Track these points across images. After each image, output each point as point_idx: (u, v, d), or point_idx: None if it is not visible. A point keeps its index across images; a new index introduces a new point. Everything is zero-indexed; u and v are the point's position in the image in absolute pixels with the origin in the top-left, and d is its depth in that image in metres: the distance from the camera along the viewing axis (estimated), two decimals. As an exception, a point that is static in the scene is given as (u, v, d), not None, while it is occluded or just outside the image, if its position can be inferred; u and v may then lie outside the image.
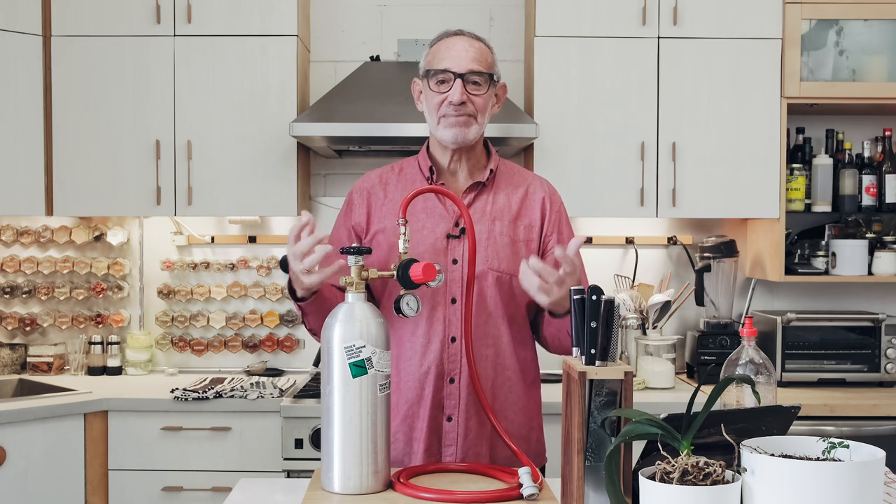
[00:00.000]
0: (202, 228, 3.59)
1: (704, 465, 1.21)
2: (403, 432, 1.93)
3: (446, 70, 1.89)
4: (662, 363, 3.18)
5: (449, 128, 1.91)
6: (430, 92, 1.92)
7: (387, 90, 3.21)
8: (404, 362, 1.92)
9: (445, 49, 1.92)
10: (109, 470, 2.98)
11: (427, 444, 1.91)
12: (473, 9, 3.60)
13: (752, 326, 1.58)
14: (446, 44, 1.93)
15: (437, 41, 1.96)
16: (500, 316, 1.93)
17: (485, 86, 1.91)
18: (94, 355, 3.46)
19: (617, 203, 3.23)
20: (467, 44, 1.92)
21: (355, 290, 1.62)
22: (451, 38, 1.94)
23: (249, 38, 3.24)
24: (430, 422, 1.90)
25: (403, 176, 2.02)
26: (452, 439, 1.90)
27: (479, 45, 1.93)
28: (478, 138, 1.97)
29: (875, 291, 3.62)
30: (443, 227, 1.93)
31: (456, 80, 1.88)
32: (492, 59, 1.95)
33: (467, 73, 1.88)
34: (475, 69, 1.89)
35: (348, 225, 2.01)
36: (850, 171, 3.29)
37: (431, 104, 1.93)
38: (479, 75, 1.90)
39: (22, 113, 3.21)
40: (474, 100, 1.90)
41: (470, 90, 1.89)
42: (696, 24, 3.22)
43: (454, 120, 1.90)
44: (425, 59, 1.97)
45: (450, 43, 1.93)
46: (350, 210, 2.03)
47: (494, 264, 1.92)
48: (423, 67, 1.97)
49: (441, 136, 1.93)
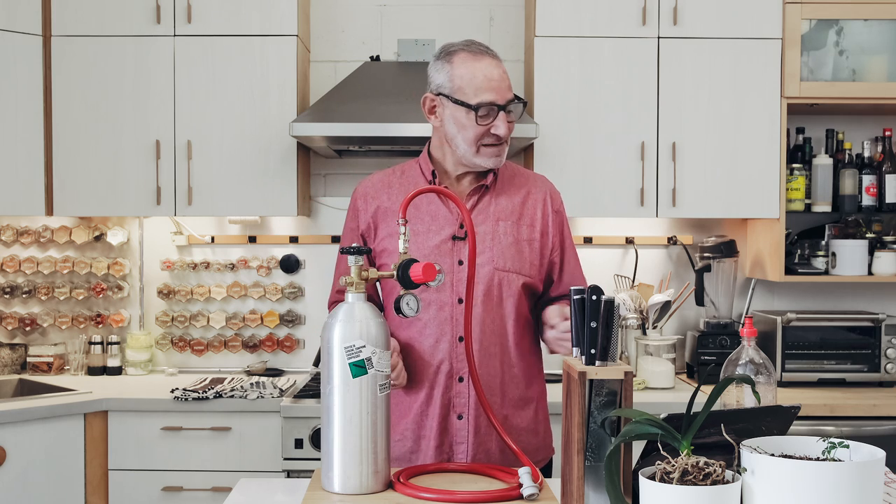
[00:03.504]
0: (202, 228, 3.59)
1: (704, 465, 1.21)
2: (413, 430, 1.96)
3: (493, 103, 1.89)
4: (662, 363, 3.18)
5: (490, 157, 1.93)
6: (467, 120, 1.90)
7: (387, 90, 3.20)
8: (414, 362, 1.95)
9: (481, 75, 1.89)
10: (109, 470, 2.98)
11: (438, 442, 1.94)
12: (473, 9, 3.60)
13: (752, 326, 1.58)
14: (477, 67, 1.90)
15: (457, 57, 1.92)
16: (507, 314, 1.95)
17: (519, 114, 1.94)
18: (94, 355, 3.46)
19: (617, 203, 3.23)
20: (499, 69, 1.92)
21: (355, 290, 1.62)
22: (478, 60, 1.91)
23: (249, 38, 3.24)
24: (440, 420, 1.94)
25: (406, 179, 2.04)
26: (463, 437, 1.93)
27: (503, 68, 1.94)
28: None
29: (875, 291, 3.62)
30: (448, 229, 1.96)
31: (500, 113, 1.90)
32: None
33: (507, 105, 1.91)
34: (512, 97, 1.92)
35: (355, 229, 2.04)
36: (850, 171, 3.29)
37: (470, 133, 1.91)
38: (517, 104, 1.93)
39: (22, 113, 3.21)
40: (511, 126, 1.93)
41: (508, 118, 1.92)
42: (696, 24, 3.22)
43: (496, 150, 1.93)
44: (449, 78, 1.91)
45: (481, 67, 1.90)
46: (356, 215, 2.05)
47: (500, 264, 1.95)
48: (448, 88, 1.91)
49: (479, 163, 1.95)
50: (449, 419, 1.94)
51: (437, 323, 1.93)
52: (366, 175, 3.53)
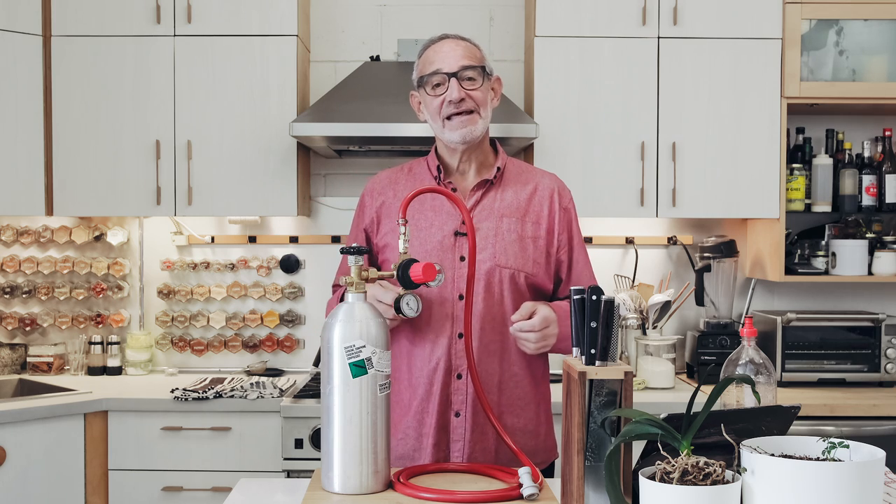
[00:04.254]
0: (202, 228, 3.59)
1: (704, 465, 1.21)
2: (414, 428, 1.96)
3: (438, 71, 1.92)
4: (662, 363, 3.18)
5: (455, 129, 1.93)
6: (428, 97, 1.96)
7: (387, 90, 3.20)
8: (414, 358, 1.96)
9: (433, 53, 1.96)
10: (109, 470, 2.98)
11: (436, 440, 1.93)
12: (473, 9, 3.60)
13: (752, 326, 1.58)
14: (433, 49, 1.98)
15: (423, 50, 2.00)
16: (508, 311, 1.94)
17: (479, 79, 1.95)
18: (94, 355, 3.46)
19: (617, 203, 3.23)
20: (453, 44, 1.96)
21: (355, 290, 1.62)
22: (436, 44, 1.98)
23: (249, 38, 3.24)
24: (438, 417, 1.93)
25: (413, 176, 2.05)
26: (460, 435, 1.93)
27: (464, 43, 1.97)
28: (485, 133, 2.00)
29: (875, 291, 3.62)
30: (451, 225, 1.96)
31: (451, 80, 1.92)
32: (480, 54, 1.99)
33: (459, 71, 1.92)
34: (466, 64, 1.93)
35: (361, 227, 2.06)
36: (850, 171, 3.29)
37: (432, 109, 1.96)
38: (472, 69, 1.94)
39: (22, 113, 3.21)
40: (472, 94, 1.94)
41: (466, 86, 1.93)
42: (696, 24, 3.22)
43: (458, 120, 1.93)
44: (417, 69, 2.01)
45: (436, 48, 1.97)
46: (362, 212, 2.07)
47: (502, 261, 1.94)
48: (415, 78, 2.01)
49: (449, 138, 1.95)
50: (447, 416, 1.93)
51: (437, 319, 1.92)
52: (366, 175, 3.55)
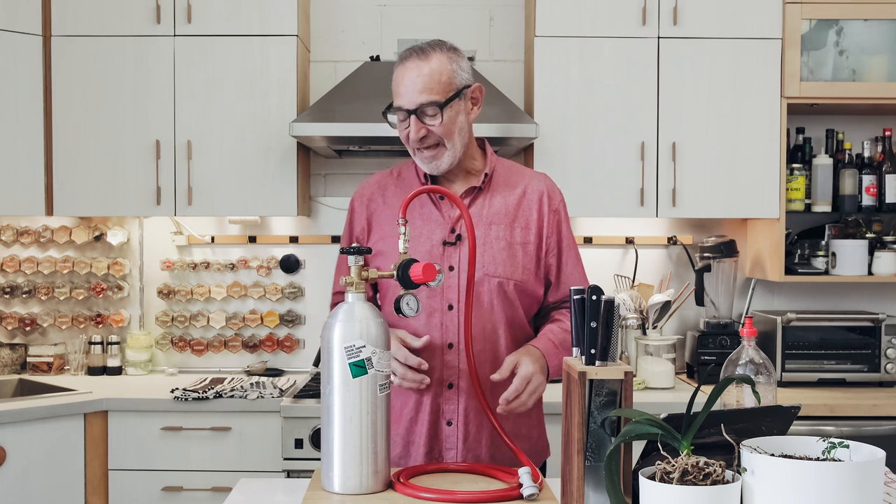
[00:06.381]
0: (202, 228, 3.59)
1: (704, 465, 1.21)
2: (402, 436, 1.94)
3: (400, 108, 1.88)
4: (662, 363, 3.18)
5: (423, 161, 1.92)
6: (398, 124, 1.91)
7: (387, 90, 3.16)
8: None
9: (398, 80, 1.88)
10: (109, 470, 2.98)
11: (427, 449, 1.92)
12: (473, 9, 3.60)
13: (752, 326, 1.58)
14: (398, 73, 1.89)
15: (395, 67, 1.91)
16: (498, 320, 1.93)
17: (439, 115, 1.86)
18: (94, 355, 3.46)
19: (617, 203, 3.23)
20: (416, 71, 1.85)
21: (355, 290, 1.62)
22: (401, 66, 1.89)
23: (249, 38, 3.24)
24: (429, 427, 1.92)
25: (402, 181, 2.03)
26: (453, 443, 1.92)
27: (428, 67, 1.85)
28: (455, 160, 1.93)
29: (875, 291, 3.62)
30: (439, 234, 1.93)
31: (410, 117, 1.86)
32: (447, 75, 1.86)
33: (417, 109, 1.85)
34: (424, 101, 1.84)
35: (353, 233, 2.04)
36: (850, 171, 3.29)
37: (402, 137, 1.92)
38: (430, 106, 1.85)
39: (22, 113, 3.21)
40: (434, 130, 1.87)
41: (427, 122, 1.86)
42: (696, 24, 3.22)
43: (420, 156, 1.91)
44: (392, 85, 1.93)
45: (400, 72, 1.88)
46: (352, 218, 2.05)
47: (491, 269, 1.92)
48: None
49: (421, 167, 1.94)
50: (438, 426, 1.92)
51: (426, 330, 1.90)
52: (365, 175, 3.55)
